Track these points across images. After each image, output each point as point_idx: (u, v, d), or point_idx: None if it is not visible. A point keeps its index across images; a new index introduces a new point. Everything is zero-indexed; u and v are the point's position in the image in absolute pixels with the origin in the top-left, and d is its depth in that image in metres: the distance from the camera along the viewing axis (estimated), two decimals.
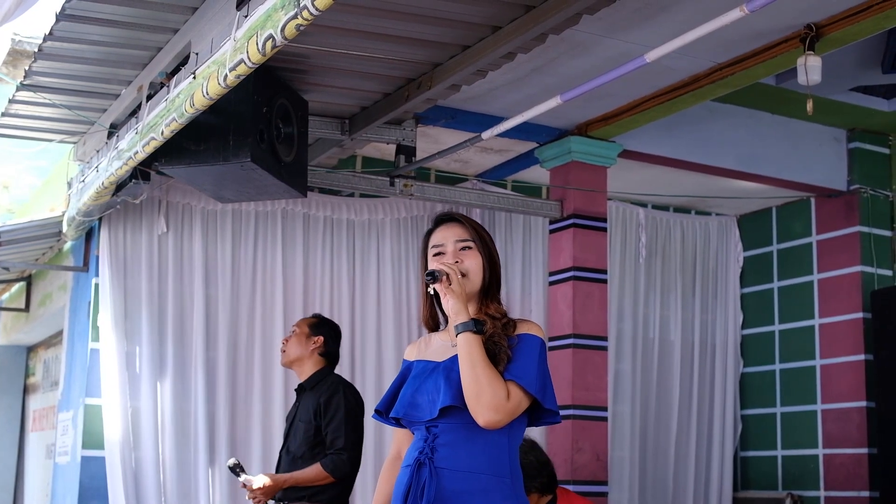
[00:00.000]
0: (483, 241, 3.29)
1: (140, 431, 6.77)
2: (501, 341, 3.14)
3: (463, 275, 3.21)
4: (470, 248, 3.26)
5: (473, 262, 3.25)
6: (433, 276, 3.16)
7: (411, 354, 3.40)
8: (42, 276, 9.09)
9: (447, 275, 3.16)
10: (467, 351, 3.09)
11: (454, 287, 3.15)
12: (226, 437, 6.96)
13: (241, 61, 4.12)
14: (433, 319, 3.35)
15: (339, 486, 5.39)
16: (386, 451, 7.26)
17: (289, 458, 5.48)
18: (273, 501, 5.42)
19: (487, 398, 3.04)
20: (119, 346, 6.79)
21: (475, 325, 3.12)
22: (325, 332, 5.69)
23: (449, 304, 3.16)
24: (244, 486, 5.38)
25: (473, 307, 3.24)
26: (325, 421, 5.39)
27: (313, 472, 5.34)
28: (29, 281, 9.51)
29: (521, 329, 3.22)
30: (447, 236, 3.30)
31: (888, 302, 7.65)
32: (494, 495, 3.10)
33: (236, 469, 5.40)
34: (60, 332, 8.71)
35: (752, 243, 8.84)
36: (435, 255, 3.29)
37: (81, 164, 6.81)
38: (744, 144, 7.70)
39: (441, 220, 3.35)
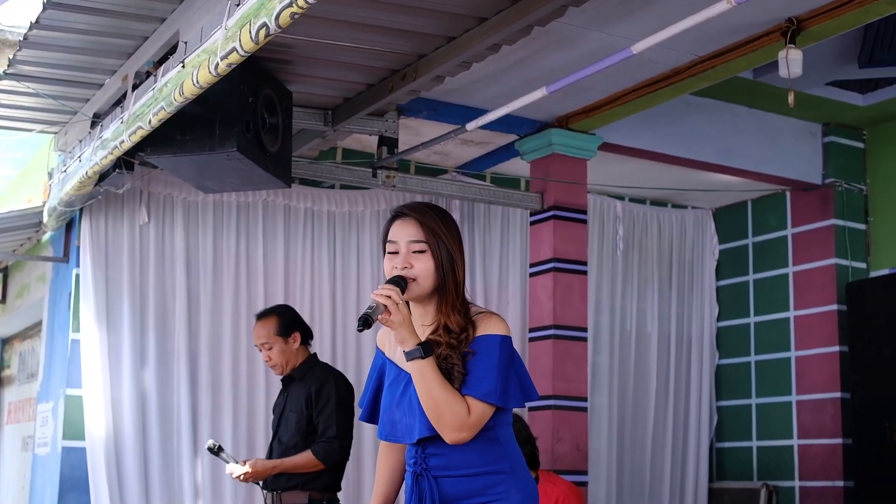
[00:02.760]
0: (439, 241, 3.15)
1: (122, 422, 6.76)
2: (454, 361, 3.09)
3: (413, 279, 3.12)
4: (423, 250, 3.14)
5: (423, 266, 3.13)
6: (365, 322, 2.99)
7: (383, 343, 3.35)
8: (19, 267, 9.04)
9: (385, 307, 3.02)
10: (420, 378, 3.05)
11: (394, 317, 3.03)
12: (209, 428, 6.95)
13: (234, 49, 4.12)
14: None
15: (331, 472, 5.44)
16: (364, 434, 7.29)
17: (280, 449, 5.52)
18: (260, 486, 5.48)
19: (448, 420, 3.03)
20: (100, 337, 6.77)
21: (423, 351, 3.05)
22: (294, 325, 5.68)
23: (393, 335, 3.09)
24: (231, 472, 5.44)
25: (433, 309, 3.17)
26: (317, 410, 5.43)
27: (304, 459, 5.38)
28: (5, 272, 9.46)
29: (480, 329, 3.14)
30: (401, 234, 3.17)
31: (862, 294, 7.76)
32: (498, 489, 3.11)
33: (216, 450, 5.47)
34: (37, 324, 8.67)
35: (727, 236, 8.92)
36: (390, 252, 3.18)
37: (62, 154, 6.80)
38: (721, 138, 7.77)
39: (396, 215, 3.23)
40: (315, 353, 5.81)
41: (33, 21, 5.07)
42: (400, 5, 5.01)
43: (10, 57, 5.60)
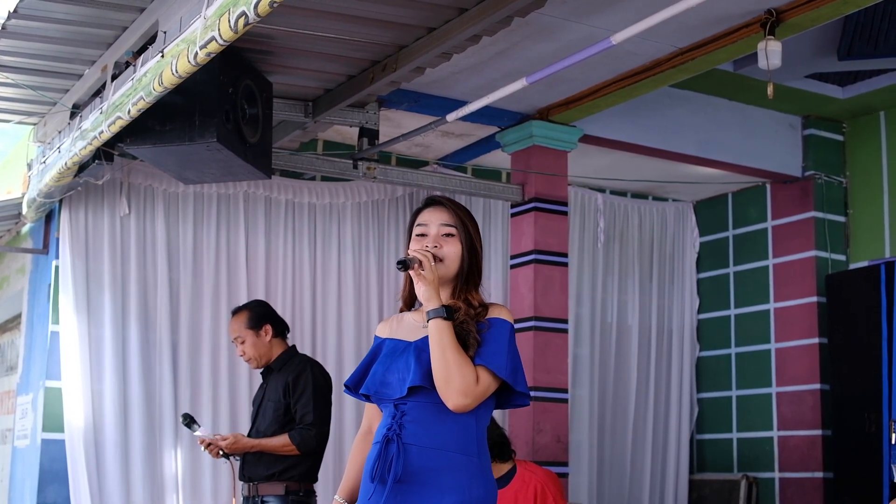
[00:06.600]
0: (466, 230, 3.33)
1: (102, 414, 6.74)
2: (471, 328, 3.19)
3: (440, 260, 3.25)
4: (452, 234, 3.31)
5: (452, 249, 3.29)
6: (404, 264, 3.20)
7: (383, 332, 3.43)
8: None
9: (419, 261, 3.19)
10: (438, 337, 3.14)
11: (426, 274, 3.19)
12: None
13: (213, 38, 4.11)
14: (411, 297, 3.37)
15: (308, 461, 5.45)
16: (346, 427, 7.30)
17: (258, 438, 5.51)
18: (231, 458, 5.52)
19: (457, 383, 3.10)
20: (80, 329, 6.75)
21: (446, 312, 3.16)
22: (265, 318, 5.72)
23: (420, 290, 3.21)
24: (203, 442, 5.47)
25: (448, 292, 3.29)
26: (294, 398, 5.45)
27: (280, 441, 5.42)
28: None
29: (492, 313, 3.27)
30: (432, 219, 3.34)
31: (842, 286, 7.78)
32: (461, 473, 3.14)
33: (187, 422, 5.54)
34: (17, 317, 8.63)
35: (708, 229, 8.95)
36: (418, 234, 3.33)
37: (41, 145, 6.77)
38: (701, 130, 7.79)
39: (430, 202, 3.40)
40: (294, 345, 5.82)
41: (11, 10, 5.05)
42: None
43: None
